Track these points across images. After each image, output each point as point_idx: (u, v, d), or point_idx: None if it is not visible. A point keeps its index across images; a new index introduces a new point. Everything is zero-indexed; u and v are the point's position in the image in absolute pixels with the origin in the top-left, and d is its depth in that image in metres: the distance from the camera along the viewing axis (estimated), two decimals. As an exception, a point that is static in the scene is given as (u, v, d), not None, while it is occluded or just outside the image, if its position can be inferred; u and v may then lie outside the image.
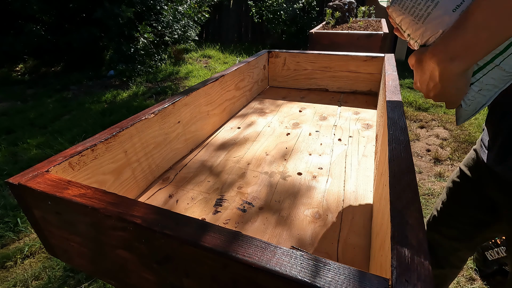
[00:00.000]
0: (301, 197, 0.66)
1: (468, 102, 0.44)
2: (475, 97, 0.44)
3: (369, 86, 1.25)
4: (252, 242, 0.31)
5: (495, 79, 0.41)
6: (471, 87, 0.43)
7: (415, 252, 0.29)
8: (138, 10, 3.91)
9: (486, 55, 0.39)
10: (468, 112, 0.46)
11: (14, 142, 2.37)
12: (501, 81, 0.41)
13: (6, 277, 1.28)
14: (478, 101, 0.44)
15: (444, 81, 0.41)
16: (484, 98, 0.43)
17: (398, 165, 0.44)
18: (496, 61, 0.39)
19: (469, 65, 0.39)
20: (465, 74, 0.40)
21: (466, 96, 0.44)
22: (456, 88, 0.42)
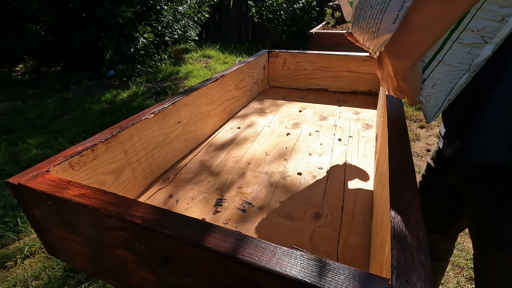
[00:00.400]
0: (301, 197, 0.66)
1: (427, 98, 0.48)
2: (431, 93, 0.47)
3: (369, 86, 1.25)
4: (252, 242, 0.31)
5: (444, 74, 0.45)
6: (425, 83, 0.47)
7: (415, 252, 0.29)
8: (138, 10, 3.91)
9: (427, 52, 0.44)
10: (430, 108, 0.49)
11: (14, 142, 2.37)
12: (452, 76, 0.45)
13: (6, 277, 1.28)
14: (436, 96, 0.47)
15: (396, 75, 0.47)
16: (442, 93, 0.47)
17: (398, 165, 0.44)
18: (438, 56, 0.44)
19: (413, 61, 0.44)
20: (413, 69, 0.45)
21: (423, 92, 0.48)
22: (408, 83, 0.47)
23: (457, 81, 0.45)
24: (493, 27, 0.40)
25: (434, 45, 0.44)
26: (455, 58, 0.43)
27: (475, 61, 0.43)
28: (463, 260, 1.27)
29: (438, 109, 0.49)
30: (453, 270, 1.23)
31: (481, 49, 0.42)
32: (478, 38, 0.41)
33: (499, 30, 0.40)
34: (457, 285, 1.17)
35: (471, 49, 0.42)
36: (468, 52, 0.42)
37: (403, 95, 0.51)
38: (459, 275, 1.21)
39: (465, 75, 0.44)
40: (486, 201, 0.53)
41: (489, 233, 0.55)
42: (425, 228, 0.32)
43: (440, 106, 0.48)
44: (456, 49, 0.42)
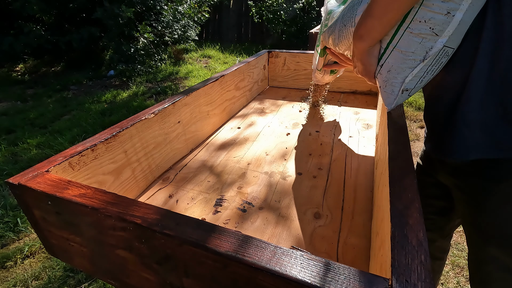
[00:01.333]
0: (301, 197, 0.66)
1: (384, 83, 0.52)
2: (387, 78, 0.51)
3: (369, 86, 1.25)
4: (252, 242, 0.31)
5: (398, 61, 0.48)
6: (382, 68, 0.51)
7: (415, 252, 0.29)
8: (138, 10, 3.91)
9: (384, 38, 0.49)
10: (387, 94, 0.52)
11: (14, 142, 2.37)
12: (406, 64, 0.47)
13: (6, 277, 1.28)
14: (392, 83, 0.50)
15: (356, 55, 0.55)
16: (396, 80, 0.50)
17: (398, 165, 0.44)
18: (393, 43, 0.48)
19: (369, 44, 0.51)
20: (369, 52, 0.52)
21: (381, 77, 0.52)
22: (363, 64, 0.54)
23: (411, 71, 0.47)
24: (440, 20, 0.42)
25: (390, 32, 0.48)
26: (407, 46, 0.46)
27: (429, 53, 0.45)
28: (463, 260, 1.27)
29: (395, 96, 0.52)
30: (453, 270, 1.23)
31: (433, 42, 0.44)
32: (427, 29, 0.43)
33: (448, 24, 0.41)
34: (457, 285, 1.17)
35: (421, 39, 0.44)
36: (419, 42, 0.45)
37: (361, 74, 0.58)
38: (459, 275, 1.21)
39: (419, 66, 0.47)
40: (476, 195, 0.54)
41: (481, 228, 0.55)
42: (425, 228, 0.32)
43: (396, 94, 0.51)
44: (407, 37, 0.46)
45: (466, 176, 0.55)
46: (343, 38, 0.62)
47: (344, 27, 0.61)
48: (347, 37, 0.61)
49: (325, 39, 0.74)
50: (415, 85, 0.49)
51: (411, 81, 0.49)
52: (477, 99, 0.47)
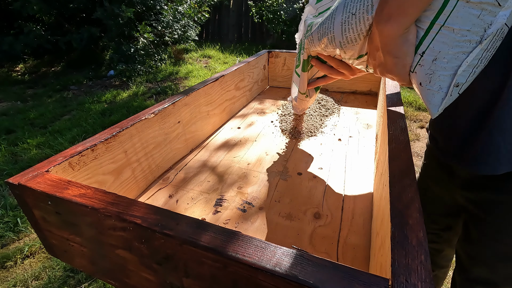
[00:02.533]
0: (301, 197, 0.66)
1: (427, 77, 0.38)
2: (433, 70, 0.37)
3: (369, 86, 1.25)
4: (252, 242, 0.31)
5: (448, 44, 0.35)
6: (424, 57, 0.37)
7: (415, 252, 0.29)
8: (138, 10, 3.91)
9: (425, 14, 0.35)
10: (432, 92, 0.38)
11: (14, 142, 2.37)
12: (458, 48, 0.35)
13: (6, 277, 1.28)
14: (439, 75, 0.37)
15: (383, 46, 0.38)
16: (446, 72, 0.36)
17: (398, 165, 0.44)
18: (440, 19, 0.34)
19: (405, 25, 0.35)
20: (404, 39, 0.36)
21: (422, 70, 0.38)
22: (395, 57, 0.38)
23: (466, 57, 0.35)
24: None
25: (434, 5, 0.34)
26: (462, 22, 0.34)
27: (488, 32, 0.33)
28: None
29: (444, 95, 0.38)
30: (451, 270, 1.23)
31: (493, 15, 0.33)
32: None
33: None
34: (457, 285, 1.17)
35: (481, 12, 0.33)
36: (477, 16, 0.33)
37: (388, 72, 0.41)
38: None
39: (476, 51, 0.34)
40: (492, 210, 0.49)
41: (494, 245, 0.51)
42: (425, 228, 0.32)
43: (446, 91, 0.37)
44: (461, 9, 0.33)
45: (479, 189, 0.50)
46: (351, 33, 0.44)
47: (353, 16, 0.42)
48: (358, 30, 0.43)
49: (312, 44, 0.56)
50: (466, 79, 0.36)
51: (464, 72, 0.36)
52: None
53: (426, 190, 0.70)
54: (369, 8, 0.40)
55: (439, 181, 0.65)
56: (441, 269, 0.83)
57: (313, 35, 0.54)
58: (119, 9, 3.57)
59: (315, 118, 1.03)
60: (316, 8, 0.61)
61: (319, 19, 0.54)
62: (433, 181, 0.67)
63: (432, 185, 0.68)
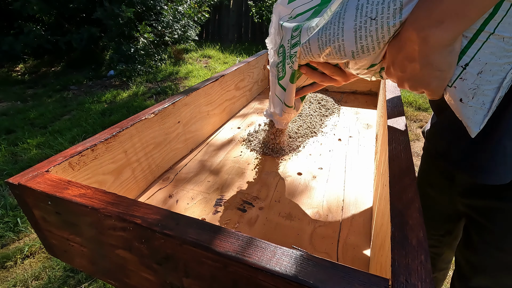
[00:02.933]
0: (301, 197, 0.66)
1: (470, 93, 0.33)
2: (477, 84, 0.32)
3: (369, 86, 1.25)
4: (252, 242, 0.31)
5: (496, 55, 0.31)
6: (467, 70, 0.32)
7: (415, 252, 0.29)
8: (138, 10, 3.91)
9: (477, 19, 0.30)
10: (474, 108, 0.33)
11: (14, 142, 2.37)
12: (505, 57, 0.31)
13: (6, 277, 1.28)
14: (483, 90, 0.32)
15: (425, 56, 0.32)
16: (490, 86, 0.32)
17: (398, 165, 0.44)
18: (488, 27, 0.30)
19: (459, 31, 0.30)
20: (451, 48, 0.31)
21: (466, 84, 0.33)
22: (436, 69, 0.32)
23: (511, 68, 0.31)
24: None
25: None
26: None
27: None
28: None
29: (487, 111, 0.33)
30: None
31: None
32: None
33: None
34: (457, 285, 1.17)
35: None
36: None
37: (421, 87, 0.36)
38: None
39: None
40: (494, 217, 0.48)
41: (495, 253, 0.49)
42: (425, 228, 0.32)
43: (489, 107, 0.33)
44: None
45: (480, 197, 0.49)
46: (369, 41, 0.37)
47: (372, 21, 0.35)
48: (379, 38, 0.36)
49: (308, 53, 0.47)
50: (507, 88, 0.32)
51: (507, 84, 0.32)
52: None
53: (423, 195, 0.68)
54: (396, 12, 0.33)
55: (438, 187, 0.64)
56: (440, 271, 0.83)
57: (310, 43, 0.45)
58: (119, 9, 3.57)
59: (315, 118, 1.03)
60: (292, 9, 0.55)
61: (312, 23, 0.48)
62: (431, 186, 0.66)
63: (430, 191, 0.66)
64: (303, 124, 0.97)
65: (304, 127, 0.96)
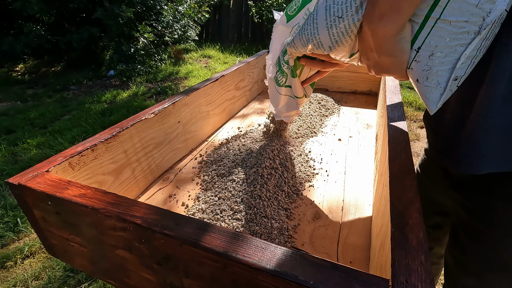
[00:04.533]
0: (301, 197, 0.66)
1: (424, 74, 0.36)
2: (430, 66, 0.36)
3: (369, 86, 1.25)
4: (252, 242, 0.31)
5: (444, 38, 0.33)
6: (420, 53, 0.36)
7: (415, 253, 0.29)
8: (138, 10, 3.91)
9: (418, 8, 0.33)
10: (430, 89, 0.37)
11: (14, 142, 2.37)
12: (456, 41, 0.33)
13: (6, 277, 1.28)
14: (437, 71, 0.36)
15: (378, 46, 0.36)
16: (444, 67, 0.35)
17: (398, 165, 0.44)
18: (435, 12, 0.33)
19: (399, 24, 0.33)
20: (399, 37, 0.35)
21: (419, 66, 0.36)
22: (391, 56, 0.36)
23: (464, 49, 0.33)
24: None
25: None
26: (459, 13, 0.32)
27: (487, 21, 0.31)
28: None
29: (443, 90, 0.36)
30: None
31: (492, 2, 0.30)
32: None
33: None
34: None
35: (479, 0, 0.31)
36: (475, 5, 0.31)
37: (382, 72, 0.40)
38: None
39: (475, 42, 0.32)
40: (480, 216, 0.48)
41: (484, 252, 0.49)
42: (425, 229, 0.32)
43: (445, 86, 0.36)
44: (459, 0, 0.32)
45: (471, 192, 0.48)
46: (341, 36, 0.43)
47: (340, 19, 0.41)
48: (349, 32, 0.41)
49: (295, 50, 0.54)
50: (465, 71, 0.35)
51: (462, 65, 0.34)
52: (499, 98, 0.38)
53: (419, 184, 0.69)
54: (358, 9, 0.38)
55: (433, 177, 0.63)
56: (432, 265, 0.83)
57: (295, 42, 0.52)
58: (119, 9, 3.57)
59: (315, 118, 1.03)
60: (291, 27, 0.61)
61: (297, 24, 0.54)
62: (428, 176, 0.66)
63: (426, 180, 0.66)
64: (303, 124, 0.97)
65: (304, 127, 0.96)
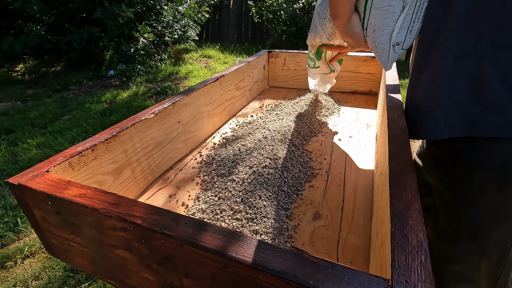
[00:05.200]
0: (301, 197, 0.66)
1: (373, 44, 0.52)
2: (375, 38, 0.51)
3: (369, 86, 1.25)
4: (252, 242, 0.31)
5: (378, 18, 0.49)
6: (367, 31, 0.52)
7: (415, 253, 0.29)
8: (138, 10, 3.91)
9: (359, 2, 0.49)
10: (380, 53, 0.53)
11: (14, 142, 2.37)
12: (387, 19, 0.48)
13: (6, 277, 1.28)
14: (380, 41, 0.51)
15: (342, 34, 0.56)
16: (384, 37, 0.50)
17: (398, 165, 0.44)
18: (368, 4, 0.49)
19: (346, 17, 0.51)
20: (349, 25, 0.52)
21: (369, 40, 0.53)
22: (349, 36, 0.54)
23: (395, 23, 0.48)
24: None
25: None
26: (382, 1, 0.46)
27: (407, 1, 0.45)
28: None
29: (388, 53, 0.52)
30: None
31: None
32: None
33: None
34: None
35: None
36: None
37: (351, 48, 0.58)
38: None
39: (402, 17, 0.47)
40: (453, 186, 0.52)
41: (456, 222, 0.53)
42: (425, 229, 0.32)
43: (388, 50, 0.51)
44: None
45: (447, 167, 0.54)
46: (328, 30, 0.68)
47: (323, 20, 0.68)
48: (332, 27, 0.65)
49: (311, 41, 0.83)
50: (405, 37, 0.49)
51: (399, 34, 0.49)
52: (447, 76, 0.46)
53: None
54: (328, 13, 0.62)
55: (423, 161, 0.66)
56: None
57: (309, 36, 0.83)
58: (119, 9, 3.57)
59: (315, 118, 1.03)
60: None
61: None
62: (419, 156, 0.69)
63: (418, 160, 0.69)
64: (303, 124, 0.97)
65: (304, 127, 0.96)
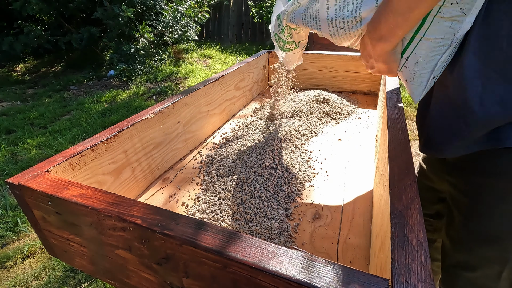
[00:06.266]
0: (302, 197, 0.66)
1: (411, 76, 0.49)
2: (415, 71, 0.48)
3: (369, 86, 1.25)
4: (252, 242, 0.31)
5: (426, 51, 0.45)
6: (408, 61, 0.48)
7: (415, 253, 0.29)
8: (138, 10, 3.91)
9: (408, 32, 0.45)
10: (415, 86, 0.50)
11: (14, 142, 2.37)
12: (434, 52, 0.45)
13: (6, 277, 1.28)
14: (420, 74, 0.48)
15: (377, 57, 0.50)
16: (425, 71, 0.48)
17: (398, 165, 0.44)
18: (420, 33, 0.45)
19: (394, 44, 0.46)
20: (392, 51, 0.48)
21: (407, 70, 0.49)
22: (387, 64, 0.50)
23: (440, 57, 0.45)
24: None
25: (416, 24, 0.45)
26: (437, 33, 0.44)
27: (457, 36, 0.43)
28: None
29: (424, 87, 0.49)
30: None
31: (461, 23, 0.42)
32: (457, 11, 0.41)
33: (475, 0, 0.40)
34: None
35: (451, 23, 0.42)
36: (449, 26, 0.43)
37: (379, 72, 0.54)
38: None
39: (448, 51, 0.45)
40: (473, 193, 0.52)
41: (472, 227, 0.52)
42: (425, 229, 0.32)
43: (426, 84, 0.49)
44: (437, 23, 0.43)
45: (464, 172, 0.53)
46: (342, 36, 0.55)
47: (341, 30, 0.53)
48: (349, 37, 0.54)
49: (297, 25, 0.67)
50: (441, 71, 0.48)
51: (438, 68, 0.47)
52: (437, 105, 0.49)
53: (421, 174, 0.72)
54: (358, 23, 0.50)
55: (432, 168, 0.67)
56: (434, 262, 0.83)
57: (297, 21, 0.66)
58: (119, 9, 3.57)
59: (315, 118, 1.03)
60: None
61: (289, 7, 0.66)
62: (428, 164, 0.69)
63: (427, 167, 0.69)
64: (303, 124, 0.97)
65: (304, 127, 0.96)
